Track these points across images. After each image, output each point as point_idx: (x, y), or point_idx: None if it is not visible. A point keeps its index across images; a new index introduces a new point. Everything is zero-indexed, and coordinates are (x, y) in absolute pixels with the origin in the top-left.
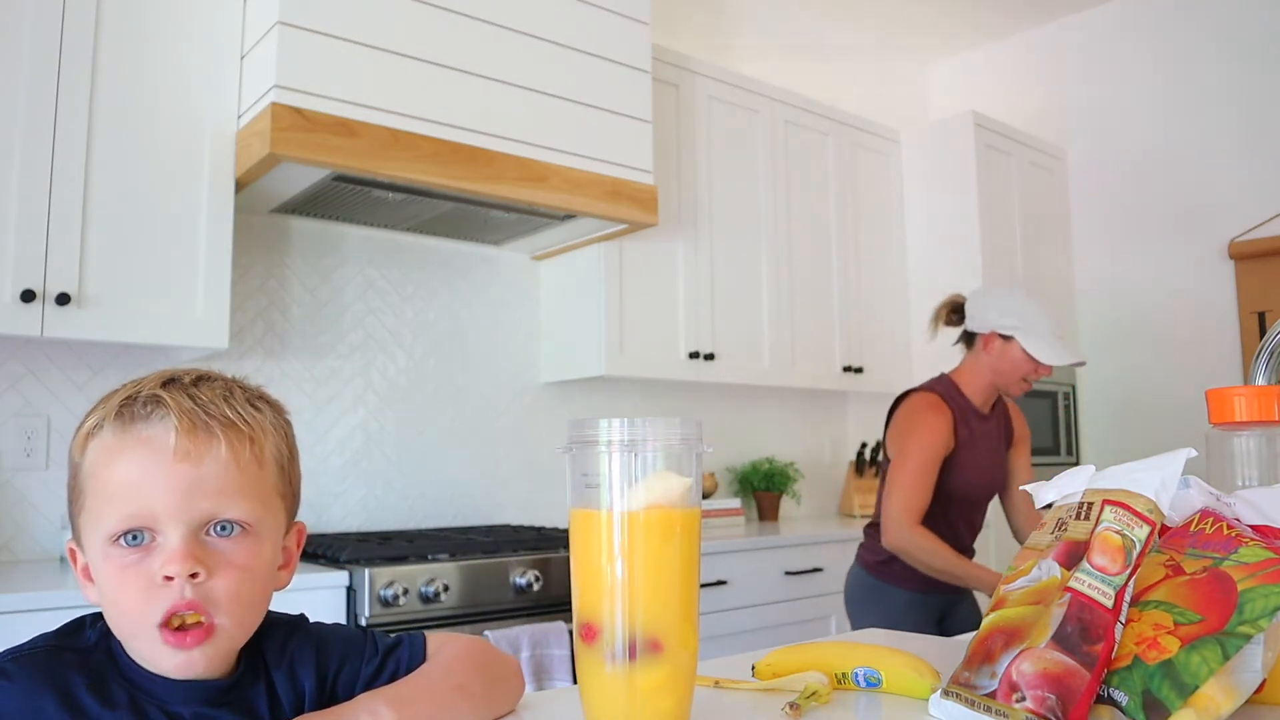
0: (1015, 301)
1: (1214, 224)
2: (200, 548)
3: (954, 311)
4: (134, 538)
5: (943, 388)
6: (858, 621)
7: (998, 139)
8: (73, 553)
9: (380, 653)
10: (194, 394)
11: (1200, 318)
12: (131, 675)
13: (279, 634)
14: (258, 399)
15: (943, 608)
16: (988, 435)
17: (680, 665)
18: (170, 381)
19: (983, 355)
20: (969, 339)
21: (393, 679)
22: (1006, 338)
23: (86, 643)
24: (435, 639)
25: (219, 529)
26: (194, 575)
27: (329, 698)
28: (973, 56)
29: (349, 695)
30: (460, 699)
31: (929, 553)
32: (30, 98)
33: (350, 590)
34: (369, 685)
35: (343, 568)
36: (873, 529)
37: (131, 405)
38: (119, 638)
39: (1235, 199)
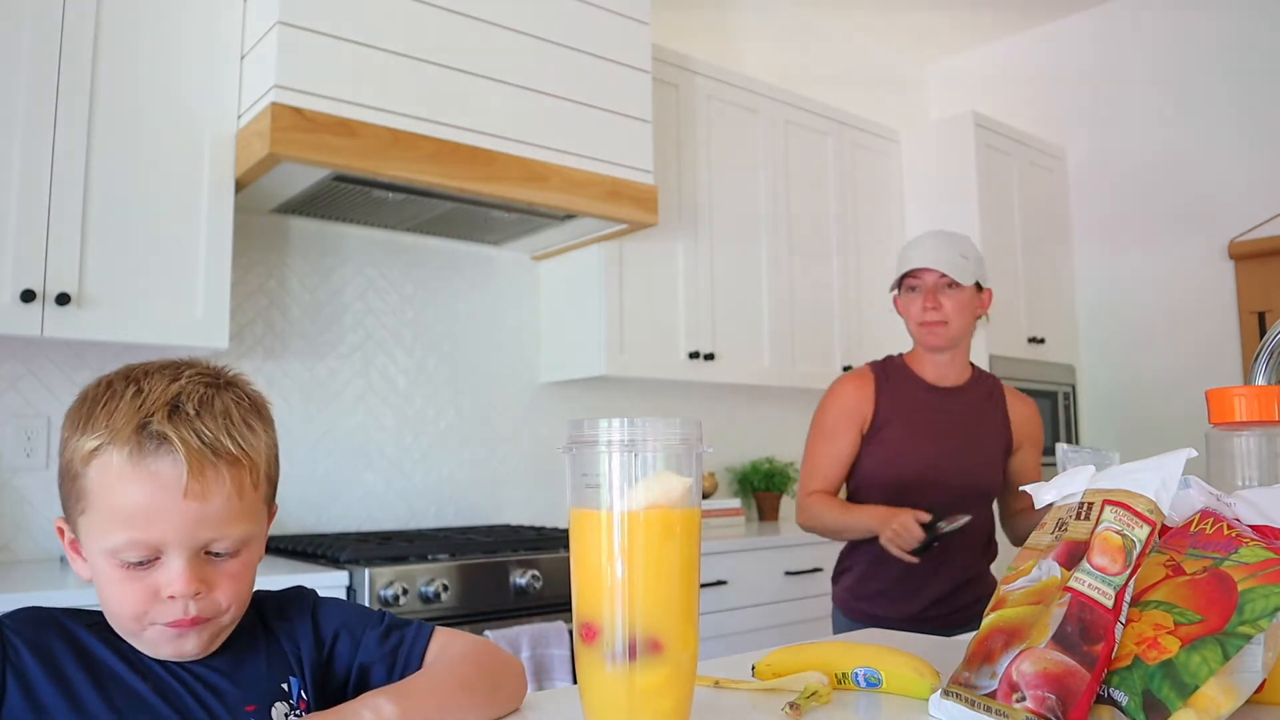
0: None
1: (1214, 224)
2: (201, 567)
3: None
4: (138, 559)
5: (881, 360)
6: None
7: (998, 139)
8: (60, 530)
9: (386, 623)
10: (200, 430)
11: (1200, 318)
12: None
13: (275, 600)
14: (251, 414)
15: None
16: (949, 411)
17: (680, 665)
18: (174, 410)
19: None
20: None
21: (394, 652)
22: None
23: (88, 613)
24: (443, 633)
25: (217, 550)
26: (196, 594)
27: (328, 659)
28: (973, 56)
29: (349, 659)
30: (464, 697)
31: (818, 517)
32: (30, 98)
33: (350, 590)
34: (372, 652)
35: (343, 568)
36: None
37: (140, 436)
38: (117, 629)
39: (1235, 199)
